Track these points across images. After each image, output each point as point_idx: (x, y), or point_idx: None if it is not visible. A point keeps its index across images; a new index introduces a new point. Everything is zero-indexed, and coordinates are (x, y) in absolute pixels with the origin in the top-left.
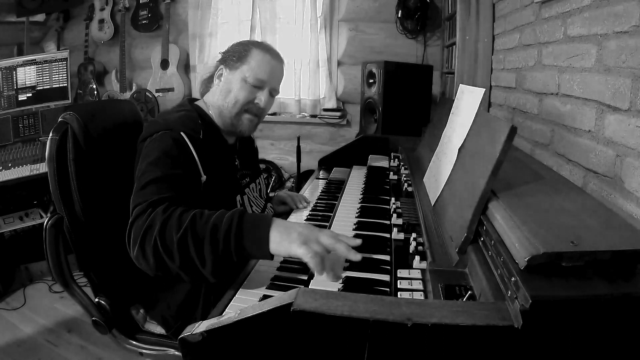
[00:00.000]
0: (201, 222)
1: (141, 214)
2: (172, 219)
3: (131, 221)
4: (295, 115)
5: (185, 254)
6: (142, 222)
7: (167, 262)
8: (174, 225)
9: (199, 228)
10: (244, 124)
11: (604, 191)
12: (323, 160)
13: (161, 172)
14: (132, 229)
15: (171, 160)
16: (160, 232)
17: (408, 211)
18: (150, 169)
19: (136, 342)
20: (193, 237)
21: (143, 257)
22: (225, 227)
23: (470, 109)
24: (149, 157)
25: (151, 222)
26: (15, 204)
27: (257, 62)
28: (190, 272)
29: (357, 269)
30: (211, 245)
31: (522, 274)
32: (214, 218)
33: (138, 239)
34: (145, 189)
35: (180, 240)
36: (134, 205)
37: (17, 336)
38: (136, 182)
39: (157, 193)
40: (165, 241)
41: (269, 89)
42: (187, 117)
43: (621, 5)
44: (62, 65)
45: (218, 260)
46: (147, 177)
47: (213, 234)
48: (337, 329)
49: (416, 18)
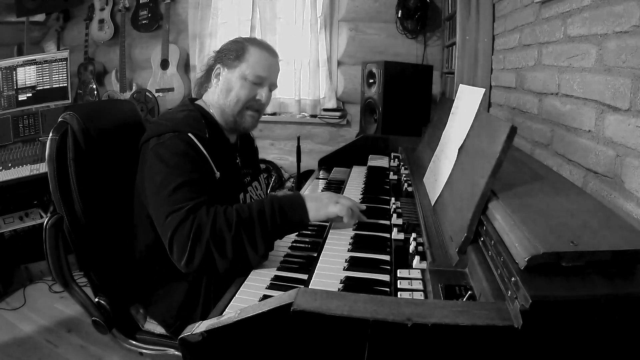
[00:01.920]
0: (246, 214)
1: (182, 221)
2: (219, 219)
3: (173, 230)
4: (295, 115)
5: (239, 245)
6: (187, 230)
7: (217, 261)
8: (224, 225)
9: (246, 218)
10: (247, 121)
11: (604, 191)
12: (323, 160)
13: (186, 177)
14: (176, 238)
15: (189, 162)
16: (212, 235)
17: (408, 211)
18: (173, 174)
19: (136, 342)
20: (245, 228)
21: (192, 262)
22: (269, 210)
23: (470, 109)
24: (165, 161)
25: (198, 227)
26: (15, 204)
27: (255, 60)
28: (238, 263)
29: (357, 269)
30: (261, 228)
31: (522, 274)
32: (256, 205)
33: (187, 247)
34: (174, 195)
35: (235, 236)
36: (168, 213)
37: (17, 336)
38: (153, 188)
39: (190, 199)
40: (219, 241)
41: (269, 84)
42: (192, 117)
43: (621, 5)
44: (62, 65)
45: (268, 240)
46: (172, 184)
47: (261, 218)
48: (337, 329)
49: (416, 18)
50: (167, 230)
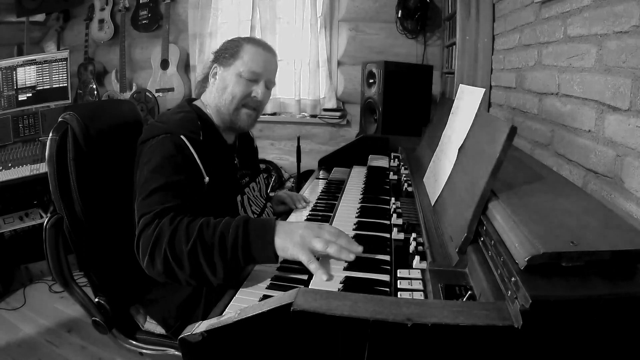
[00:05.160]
0: (209, 233)
1: (148, 224)
2: (179, 230)
3: (139, 232)
4: (295, 115)
5: (195, 263)
6: (150, 234)
7: (176, 271)
8: (182, 237)
9: (207, 238)
10: (243, 119)
11: (604, 191)
12: (323, 160)
13: (164, 180)
14: (141, 240)
15: (173, 165)
16: (170, 244)
17: (408, 211)
18: (153, 176)
19: (136, 342)
20: (202, 248)
21: (153, 267)
22: (232, 237)
23: (470, 109)
24: (151, 163)
25: (159, 234)
26: (15, 204)
27: (249, 56)
28: (199, 280)
29: (357, 269)
30: (220, 254)
31: (522, 274)
32: (221, 227)
33: (147, 250)
34: (150, 198)
35: (190, 252)
36: (140, 215)
37: (17, 336)
38: (138, 188)
39: (161, 202)
40: (175, 252)
41: (265, 81)
42: (187, 119)
43: (621, 5)
44: (62, 65)
45: (227, 267)
46: (150, 185)
47: (221, 243)
48: (337, 329)
49: (416, 18)
50: (137, 231)
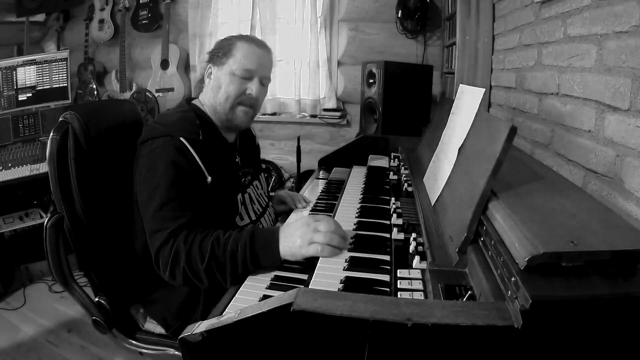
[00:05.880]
0: (220, 251)
1: (164, 244)
2: (193, 250)
3: (156, 250)
4: (295, 115)
5: (212, 277)
6: (167, 253)
7: (196, 283)
8: (197, 257)
9: (219, 256)
10: (239, 117)
11: (604, 191)
12: (323, 160)
13: (173, 191)
14: (160, 258)
15: (178, 173)
16: (187, 263)
17: (408, 211)
18: (161, 187)
19: (136, 342)
20: (216, 266)
21: (174, 280)
22: (241, 254)
23: (470, 109)
24: (155, 170)
25: (176, 253)
26: (15, 204)
27: (242, 54)
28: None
29: (357, 269)
30: (232, 269)
31: (522, 274)
32: (230, 244)
33: (167, 268)
34: (160, 212)
35: (206, 269)
36: (153, 231)
37: (17, 336)
38: (144, 196)
39: (173, 219)
40: (193, 270)
41: (259, 77)
42: (186, 119)
43: (621, 5)
44: (62, 65)
45: (240, 276)
46: (159, 198)
47: (233, 261)
48: (337, 329)
49: (416, 18)
50: (152, 247)
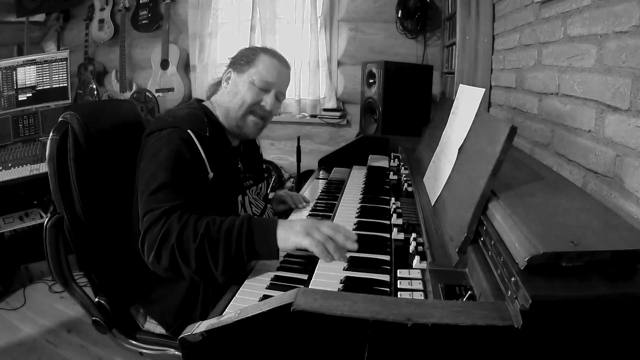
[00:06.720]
0: (215, 228)
1: (155, 221)
2: (187, 228)
3: (146, 228)
4: (295, 115)
5: (202, 259)
6: (157, 231)
7: (182, 267)
8: (191, 234)
9: (214, 233)
10: (249, 126)
11: (604, 191)
12: (323, 160)
13: (172, 176)
14: (147, 236)
15: (180, 161)
16: (178, 241)
17: (408, 211)
18: (161, 171)
19: (136, 342)
20: (209, 243)
21: (158, 262)
22: (237, 230)
23: (470, 109)
24: (158, 156)
25: (167, 231)
26: (15, 204)
27: (264, 66)
28: (202, 275)
29: (357, 269)
30: (225, 248)
31: (522, 274)
32: (227, 223)
33: (154, 246)
34: (157, 194)
35: (198, 248)
36: (146, 211)
37: (17, 336)
38: (144, 182)
39: (169, 200)
40: (183, 248)
41: (275, 92)
42: (194, 115)
43: (621, 5)
44: (62, 65)
45: (230, 261)
46: (158, 181)
47: (227, 238)
48: (337, 329)
49: (416, 18)
50: (142, 228)
